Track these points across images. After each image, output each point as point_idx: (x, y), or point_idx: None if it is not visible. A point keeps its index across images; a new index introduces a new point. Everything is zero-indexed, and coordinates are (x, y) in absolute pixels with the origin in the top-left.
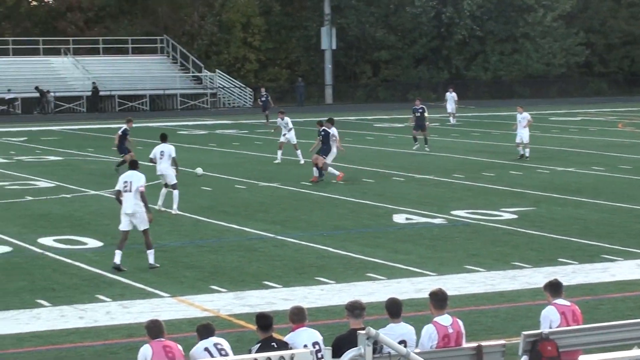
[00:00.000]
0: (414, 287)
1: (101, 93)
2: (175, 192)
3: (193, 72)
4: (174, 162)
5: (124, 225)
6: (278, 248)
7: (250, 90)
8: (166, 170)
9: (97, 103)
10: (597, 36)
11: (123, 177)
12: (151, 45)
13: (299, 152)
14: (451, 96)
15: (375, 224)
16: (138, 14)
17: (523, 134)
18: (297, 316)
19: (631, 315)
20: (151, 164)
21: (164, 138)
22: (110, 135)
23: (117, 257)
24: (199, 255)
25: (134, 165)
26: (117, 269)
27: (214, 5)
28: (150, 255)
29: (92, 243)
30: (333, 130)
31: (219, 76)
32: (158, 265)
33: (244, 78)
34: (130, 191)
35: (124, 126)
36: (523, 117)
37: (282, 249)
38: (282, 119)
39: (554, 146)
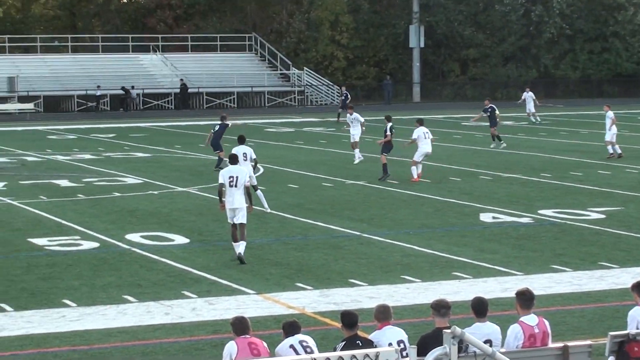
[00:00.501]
0: (500, 287)
1: (189, 90)
2: (259, 192)
3: (281, 70)
4: (256, 163)
5: (230, 219)
6: (364, 246)
7: (338, 88)
8: (250, 172)
9: (186, 100)
10: None
11: (227, 172)
12: (239, 42)
13: (356, 150)
14: (529, 95)
15: (462, 223)
16: (227, 11)
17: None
18: (383, 314)
19: None
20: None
21: (242, 140)
22: (198, 133)
23: (237, 248)
24: (285, 252)
25: (235, 160)
26: (240, 261)
27: (302, 3)
28: (242, 246)
29: (179, 240)
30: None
31: (307, 74)
32: (244, 260)
33: (332, 76)
34: (236, 186)
35: (219, 123)
36: (608, 115)
37: (368, 247)
38: (351, 114)
39: None
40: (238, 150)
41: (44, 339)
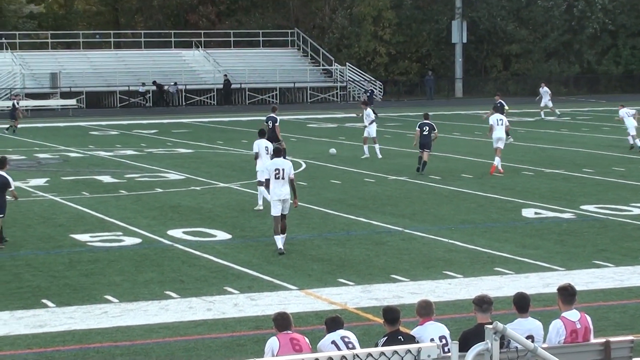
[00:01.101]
0: (542, 282)
1: (232, 86)
2: (261, 188)
3: (323, 66)
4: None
5: (277, 211)
6: (406, 242)
7: (380, 83)
8: (281, 165)
9: (229, 96)
10: None
11: (273, 165)
12: (282, 38)
13: (376, 146)
14: (544, 91)
15: (504, 218)
16: (269, 7)
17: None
18: (425, 310)
19: None
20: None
21: (262, 134)
22: (241, 129)
23: (279, 242)
24: (327, 248)
25: (279, 153)
26: (281, 254)
27: None
28: (282, 239)
29: (221, 235)
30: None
31: (349, 69)
32: (284, 252)
33: (374, 72)
34: (282, 178)
35: (272, 115)
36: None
37: (409, 243)
38: (365, 109)
39: None
40: (260, 143)
41: (85, 334)
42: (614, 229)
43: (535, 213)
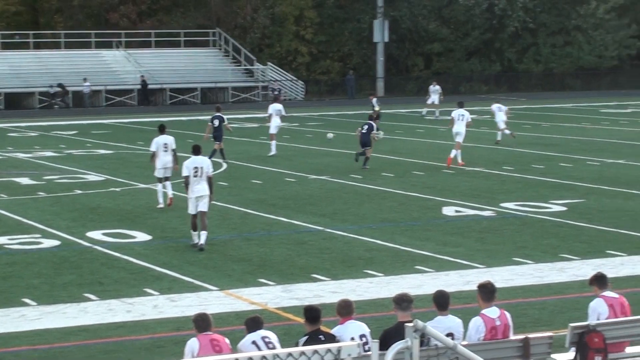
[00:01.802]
0: (462, 280)
1: (153, 86)
2: (168, 184)
3: (245, 65)
4: (175, 154)
5: (193, 208)
6: (327, 241)
7: (302, 83)
8: (169, 163)
9: (146, 96)
10: None
11: (191, 163)
12: (203, 38)
13: (273, 143)
14: (435, 89)
15: (424, 217)
16: (190, 6)
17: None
18: (345, 309)
19: None
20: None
21: (162, 129)
22: None
23: (195, 238)
24: (248, 248)
25: (198, 151)
26: (201, 250)
27: None
28: (203, 236)
29: (141, 237)
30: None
31: (271, 69)
32: (205, 248)
33: (296, 71)
34: (201, 176)
35: (218, 114)
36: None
37: (330, 242)
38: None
39: (604, 138)
40: (159, 140)
41: (3, 338)
42: (533, 226)
43: (456, 211)
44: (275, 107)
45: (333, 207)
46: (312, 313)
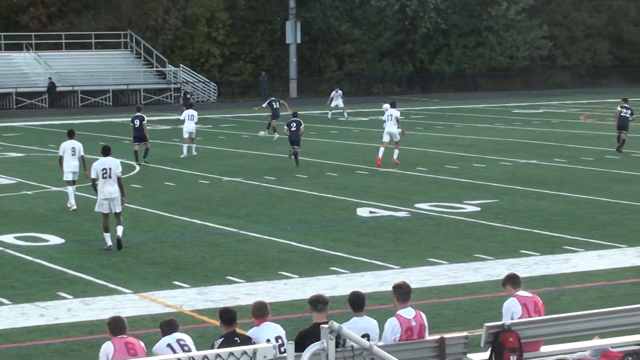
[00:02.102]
0: (377, 281)
1: (64, 88)
2: (73, 188)
3: (157, 67)
4: (83, 160)
5: (105, 209)
6: (241, 243)
7: (215, 85)
8: (77, 168)
9: (54, 99)
10: (560, 29)
11: (100, 165)
12: (114, 40)
13: (186, 146)
14: (337, 94)
15: (339, 218)
16: (101, 8)
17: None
18: (260, 311)
19: (592, 306)
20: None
21: (71, 134)
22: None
23: (108, 240)
24: (162, 250)
25: (107, 152)
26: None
27: (178, 0)
28: (120, 230)
29: (54, 240)
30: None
31: (183, 71)
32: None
33: (208, 73)
34: (110, 177)
35: (138, 115)
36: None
37: (245, 244)
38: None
39: (517, 138)
40: (67, 144)
41: None
42: (447, 226)
43: (370, 212)
44: (189, 112)
45: (247, 209)
46: (227, 315)
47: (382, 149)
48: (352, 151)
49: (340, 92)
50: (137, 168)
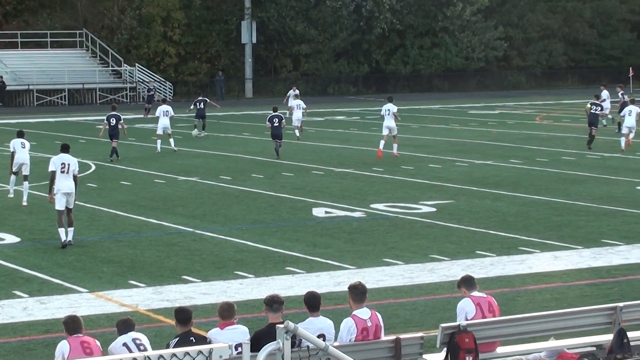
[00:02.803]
0: (333, 281)
1: (19, 87)
2: (27, 184)
3: (112, 67)
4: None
5: (61, 205)
6: (197, 242)
7: (170, 84)
8: (27, 160)
9: (4, 97)
10: (516, 30)
11: (59, 159)
12: (70, 39)
13: (159, 142)
14: (294, 93)
15: (294, 218)
16: (57, 7)
17: None
18: (226, 312)
19: (548, 307)
20: None
21: (20, 134)
22: (29, 130)
23: (63, 235)
24: (117, 250)
25: (66, 149)
26: (64, 247)
27: None
28: (70, 233)
29: (9, 239)
30: None
31: (139, 70)
32: (72, 242)
33: (164, 72)
34: (67, 172)
35: (114, 113)
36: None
37: (200, 243)
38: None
39: (472, 139)
40: (17, 141)
41: None
42: (403, 227)
43: (326, 212)
44: (163, 108)
45: (203, 209)
46: (182, 314)
47: (382, 142)
48: (308, 151)
49: (297, 90)
50: (93, 167)
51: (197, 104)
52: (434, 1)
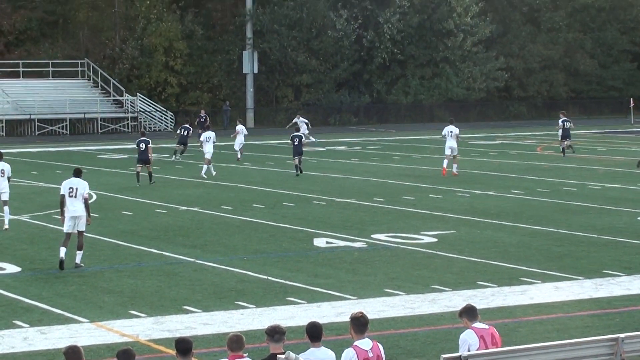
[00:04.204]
0: (334, 311)
1: (21, 117)
2: (7, 208)
3: (114, 96)
4: (8, 180)
5: (68, 227)
6: (198, 272)
7: (171, 114)
8: (5, 188)
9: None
10: (517, 61)
11: (67, 184)
12: (72, 68)
13: (205, 167)
14: (301, 121)
15: (296, 248)
16: (59, 37)
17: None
18: (235, 344)
19: (549, 338)
20: None
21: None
22: (30, 160)
23: (62, 253)
24: (118, 280)
25: (78, 174)
26: (61, 263)
27: (135, 29)
28: (79, 256)
29: (10, 268)
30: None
31: (140, 100)
32: (83, 265)
33: (165, 102)
34: (75, 196)
35: (143, 138)
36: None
37: (201, 274)
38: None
39: (473, 170)
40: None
41: None
42: (404, 257)
43: (327, 242)
44: (206, 135)
45: (204, 239)
46: (183, 345)
47: (445, 161)
48: (309, 182)
49: (302, 118)
50: (95, 197)
51: (182, 130)
52: (435, 32)
